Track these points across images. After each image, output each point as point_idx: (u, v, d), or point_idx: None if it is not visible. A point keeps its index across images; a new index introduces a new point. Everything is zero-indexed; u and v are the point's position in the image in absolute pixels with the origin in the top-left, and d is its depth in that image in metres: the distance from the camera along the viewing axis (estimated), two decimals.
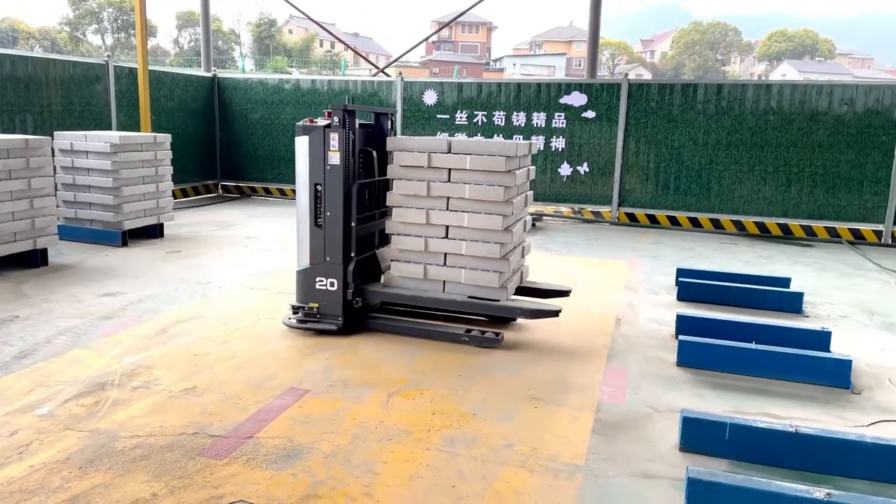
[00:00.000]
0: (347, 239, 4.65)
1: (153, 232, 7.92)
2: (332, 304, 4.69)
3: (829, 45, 73.11)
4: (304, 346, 4.53)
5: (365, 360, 4.31)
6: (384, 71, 12.91)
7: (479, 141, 4.65)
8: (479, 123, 10.63)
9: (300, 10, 13.55)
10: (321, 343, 4.58)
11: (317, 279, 4.70)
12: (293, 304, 4.85)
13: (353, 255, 4.66)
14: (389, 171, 4.75)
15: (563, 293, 5.15)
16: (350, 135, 4.58)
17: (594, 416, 3.61)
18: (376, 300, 4.94)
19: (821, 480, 2.97)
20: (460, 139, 4.64)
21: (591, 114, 10.13)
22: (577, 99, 10.18)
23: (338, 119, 4.51)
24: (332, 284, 4.67)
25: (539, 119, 10.35)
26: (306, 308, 4.74)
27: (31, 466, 2.94)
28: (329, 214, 4.62)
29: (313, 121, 4.62)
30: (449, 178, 4.57)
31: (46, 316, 5.00)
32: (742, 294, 5.70)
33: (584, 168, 10.21)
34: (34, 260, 6.39)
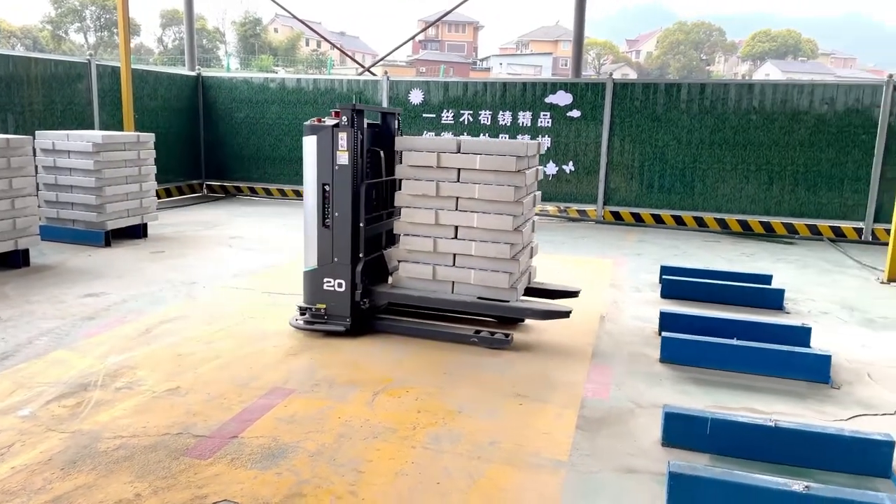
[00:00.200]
0: (356, 239, 4.60)
1: (137, 232, 7.86)
2: (339, 306, 4.64)
3: (812, 45, 73.93)
4: (290, 345, 4.52)
5: (349, 360, 4.31)
6: (370, 70, 12.89)
7: (488, 141, 4.62)
8: (466, 123, 10.65)
9: (286, 8, 13.50)
10: (306, 343, 4.58)
11: (324, 280, 4.66)
12: (300, 305, 4.79)
13: (361, 255, 4.62)
14: (398, 170, 4.71)
15: (572, 294, 5.10)
16: (358, 135, 4.54)
17: (578, 412, 3.64)
18: (384, 301, 4.90)
19: (800, 474, 3.02)
20: (469, 139, 4.60)
21: (576, 113, 10.19)
22: (563, 98, 10.24)
23: (346, 119, 4.46)
24: (339, 285, 4.63)
25: (525, 118, 10.40)
26: (314, 309, 4.69)
27: (13, 468, 2.92)
28: (337, 215, 4.57)
29: (322, 120, 4.56)
30: (458, 177, 4.53)
31: (28, 317, 4.95)
32: (725, 291, 5.77)
33: (569, 167, 10.27)
34: (16, 261, 6.32)
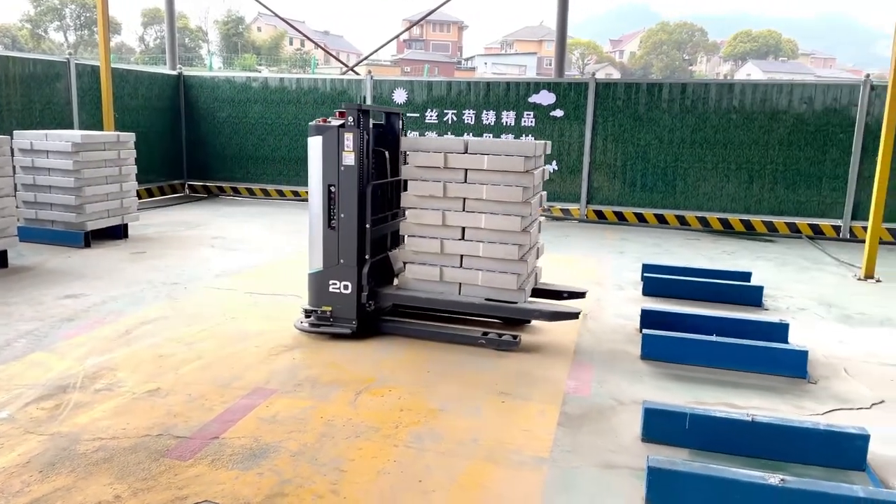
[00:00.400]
0: (362, 241, 4.56)
1: (117, 232, 7.79)
2: (345, 308, 4.60)
3: (793, 46, 74.87)
4: (272, 346, 4.50)
5: (332, 359, 4.30)
6: (353, 69, 12.86)
7: (495, 141, 4.60)
8: (450, 122, 10.66)
9: (268, 7, 13.42)
10: (289, 343, 4.56)
11: (330, 282, 4.61)
12: (305, 307, 4.74)
13: (367, 257, 4.59)
14: (404, 171, 4.68)
15: (579, 295, 5.06)
16: (364, 135, 4.50)
17: (560, 409, 3.66)
18: (391, 303, 4.85)
19: (777, 467, 3.06)
20: (476, 139, 4.56)
21: (559, 112, 10.24)
22: (546, 98, 10.28)
23: (352, 119, 4.42)
24: (345, 287, 4.58)
25: (508, 118, 10.43)
26: (319, 311, 4.65)
27: None
28: (343, 216, 4.52)
29: (327, 120, 4.53)
30: (465, 178, 4.51)
31: (6, 319, 4.89)
32: (705, 288, 5.84)
33: (552, 166, 10.31)
34: None
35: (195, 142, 12.04)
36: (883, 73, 6.89)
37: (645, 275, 6.16)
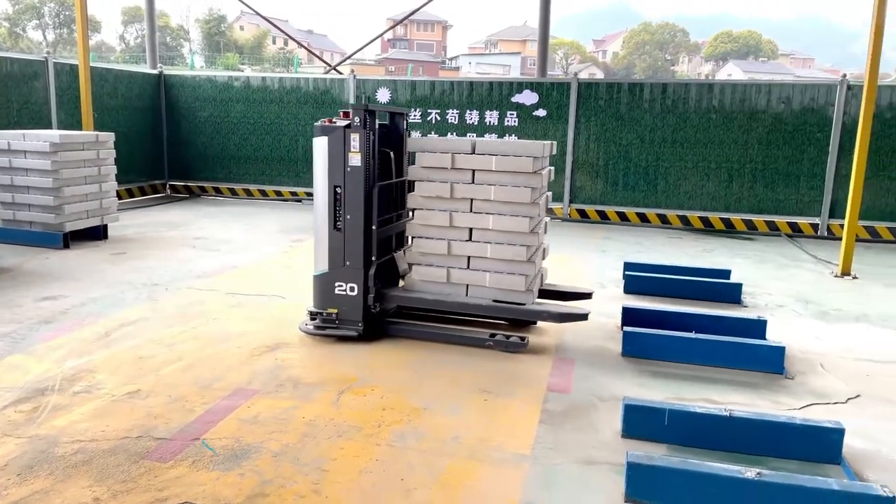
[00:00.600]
0: (368, 242, 4.51)
1: (97, 233, 7.70)
2: (351, 310, 4.55)
3: (773, 46, 75.79)
4: (254, 346, 4.48)
5: (315, 360, 4.30)
6: (336, 69, 12.83)
7: (503, 141, 4.55)
8: (433, 122, 10.67)
9: (250, 6, 13.34)
10: (271, 343, 4.55)
11: (336, 284, 4.56)
12: (310, 309, 4.68)
13: (374, 258, 4.55)
14: (411, 172, 4.63)
15: (585, 296, 5.04)
16: (371, 135, 4.44)
17: (542, 407, 3.69)
18: (396, 305, 4.80)
19: (754, 461, 3.11)
20: (484, 139, 4.54)
21: (542, 112, 10.29)
22: (529, 97, 10.33)
23: (358, 119, 4.36)
24: (351, 289, 4.53)
25: (492, 117, 10.46)
26: (324, 314, 4.59)
27: None
28: (349, 217, 4.47)
29: (332, 121, 4.47)
30: (472, 179, 4.48)
31: None
32: (685, 286, 5.91)
33: None
34: None
35: (176, 141, 11.94)
36: (860, 73, 7.00)
37: (626, 273, 6.22)
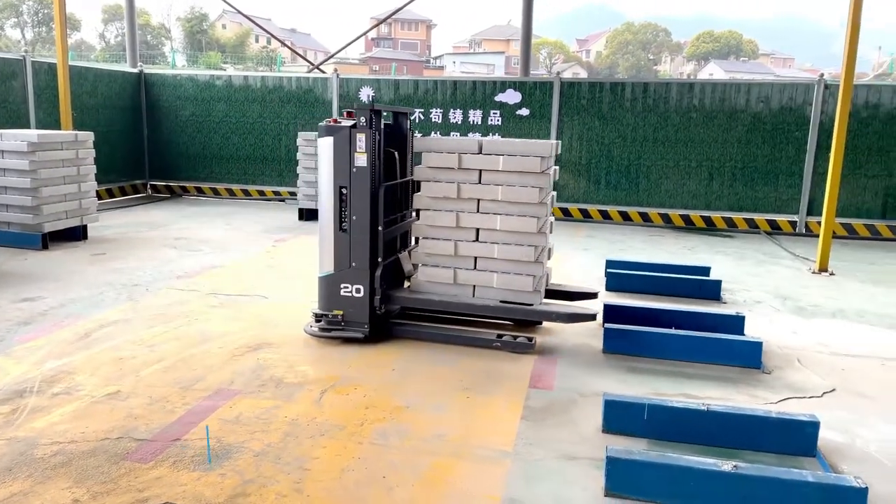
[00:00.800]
0: (374, 244, 4.47)
1: (76, 234, 7.61)
2: (358, 312, 4.51)
3: (753, 46, 76.60)
4: (235, 347, 4.47)
5: (296, 359, 4.29)
6: (319, 68, 12.78)
7: (510, 141, 4.53)
8: (417, 121, 10.67)
9: (232, 5, 13.24)
10: (252, 343, 4.53)
11: (341, 285, 4.51)
12: (315, 311, 4.64)
13: (380, 260, 4.52)
14: (417, 172, 4.61)
15: (591, 295, 5.02)
16: (376, 136, 4.41)
17: (524, 403, 3.72)
18: (402, 306, 4.78)
19: (731, 455, 3.16)
20: (491, 139, 4.52)
21: (525, 111, 10.33)
22: (512, 97, 10.37)
23: (364, 119, 4.32)
24: (357, 291, 4.49)
25: (475, 116, 10.49)
26: (330, 316, 4.55)
27: None
28: (355, 218, 4.42)
29: (337, 121, 4.42)
30: (479, 179, 4.46)
31: None
32: (665, 283, 5.98)
33: None
34: None
35: (157, 141, 11.83)
36: (839, 73, 7.12)
37: (608, 271, 6.27)
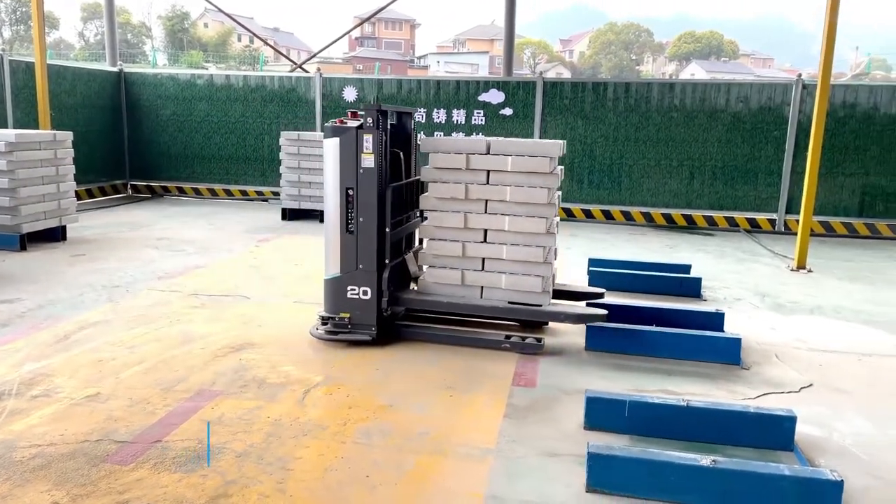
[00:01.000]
0: (382, 245, 4.44)
1: (55, 235, 7.52)
2: (365, 314, 4.47)
3: (734, 46, 77.47)
4: (218, 347, 4.44)
5: (279, 359, 4.27)
6: (302, 67, 12.72)
7: (518, 141, 4.52)
8: None
9: (214, 4, 13.14)
10: (234, 344, 4.51)
11: (348, 288, 4.47)
12: (321, 314, 4.60)
13: (387, 261, 4.48)
14: (423, 172, 4.59)
15: (598, 295, 5.00)
16: (383, 136, 4.37)
17: (507, 401, 3.74)
18: (410, 307, 4.75)
19: (710, 450, 3.20)
20: (499, 139, 4.50)
21: (508, 111, 10.37)
22: (495, 96, 10.40)
23: (371, 120, 4.28)
24: (365, 293, 4.45)
25: (459, 116, 10.50)
26: (337, 318, 4.51)
27: None
28: (362, 220, 4.39)
29: (343, 122, 4.38)
30: (487, 179, 4.44)
31: None
32: (647, 281, 6.04)
33: None
34: None
35: (138, 140, 11.70)
36: (817, 73, 7.23)
37: (591, 269, 6.32)
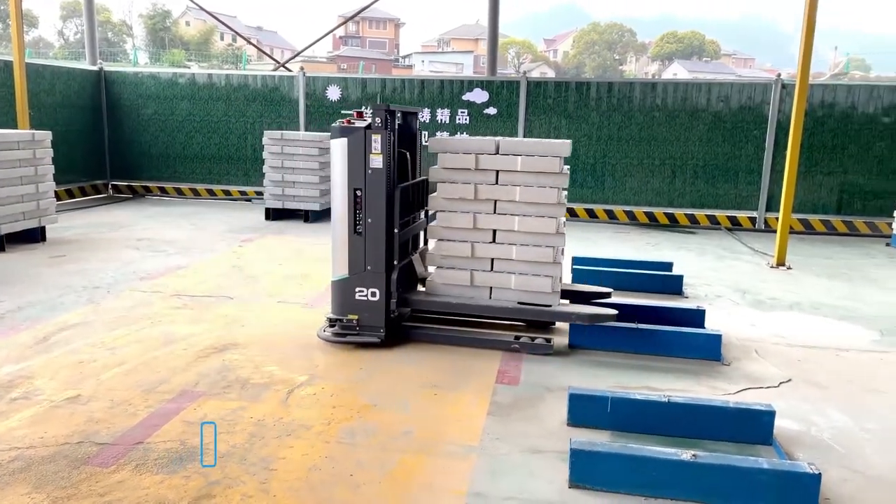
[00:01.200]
0: (390, 246, 4.42)
1: (34, 236, 7.42)
2: (373, 316, 4.44)
3: (716, 46, 78.21)
4: (201, 348, 4.41)
5: (261, 359, 4.26)
6: (286, 66, 12.66)
7: (527, 141, 4.51)
8: None
9: (195, 2, 13.03)
10: (216, 345, 4.48)
11: (356, 289, 4.44)
12: (329, 316, 4.56)
13: (396, 263, 4.47)
14: (431, 173, 4.57)
15: (605, 295, 4.99)
16: (391, 136, 4.33)
17: (490, 399, 3.76)
18: (418, 309, 4.73)
19: (691, 444, 3.24)
20: (508, 139, 4.49)
21: (492, 110, 10.39)
22: (479, 96, 10.42)
23: (380, 120, 4.24)
24: (373, 294, 4.42)
25: (443, 115, 10.51)
26: (345, 320, 4.48)
27: None
28: (370, 221, 4.36)
29: (351, 122, 4.34)
30: (496, 180, 4.43)
31: None
32: (629, 278, 6.09)
33: None
34: None
35: (119, 140, 11.58)
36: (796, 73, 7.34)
37: (574, 267, 6.35)
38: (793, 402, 3.84)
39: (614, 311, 4.46)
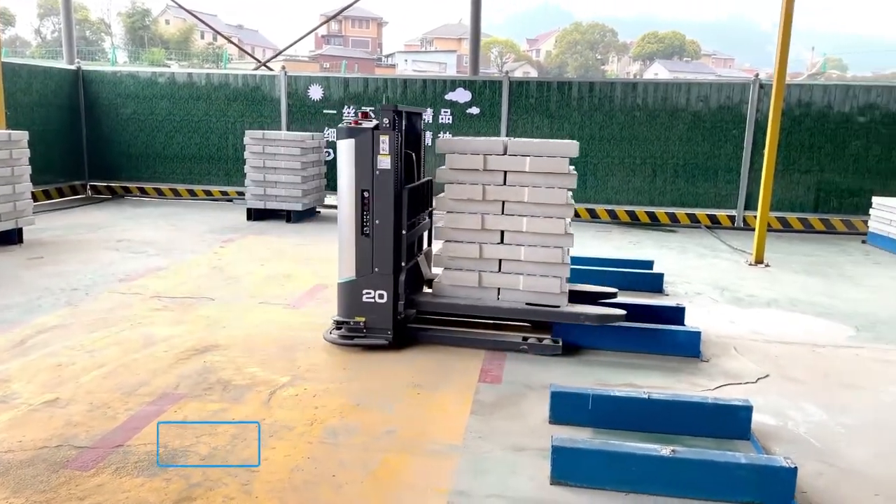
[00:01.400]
0: (398, 248, 4.38)
1: (11, 237, 7.30)
2: (381, 318, 4.41)
3: (696, 47, 79.05)
4: (182, 350, 4.38)
5: (244, 360, 4.24)
6: (267, 65, 12.59)
7: (535, 141, 4.48)
8: None
9: (175, 0, 12.91)
10: (197, 346, 4.45)
11: (364, 292, 4.40)
12: (336, 318, 4.52)
13: (403, 264, 4.44)
14: (439, 174, 4.54)
15: (611, 295, 4.98)
16: (399, 137, 4.31)
17: (473, 398, 3.77)
18: (426, 310, 4.70)
19: (671, 440, 3.28)
20: (516, 140, 4.47)
21: (475, 110, 10.42)
22: (462, 95, 10.44)
23: (387, 120, 4.21)
24: (381, 296, 4.39)
25: (426, 115, 10.51)
26: (351, 323, 4.45)
27: None
28: (378, 222, 4.32)
29: (358, 122, 4.30)
30: (504, 180, 4.42)
31: None
32: (611, 277, 6.11)
33: None
34: None
35: (97, 140, 11.43)
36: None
37: None
38: (770, 398, 3.90)
39: (623, 312, 4.46)
